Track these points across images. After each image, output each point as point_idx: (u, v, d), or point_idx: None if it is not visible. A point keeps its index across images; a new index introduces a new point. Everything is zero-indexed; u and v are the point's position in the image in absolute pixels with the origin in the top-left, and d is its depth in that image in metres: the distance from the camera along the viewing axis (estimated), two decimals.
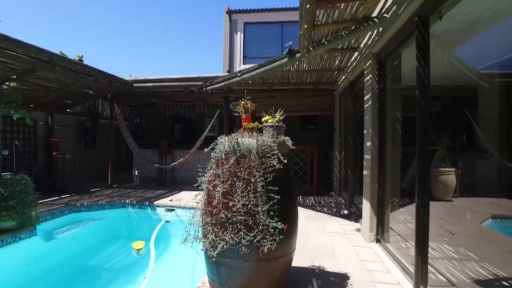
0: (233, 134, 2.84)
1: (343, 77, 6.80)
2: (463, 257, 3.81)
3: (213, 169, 2.67)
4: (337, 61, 5.84)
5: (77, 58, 11.21)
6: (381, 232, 4.29)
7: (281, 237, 2.43)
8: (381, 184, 4.24)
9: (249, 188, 2.43)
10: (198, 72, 8.30)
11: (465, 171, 6.98)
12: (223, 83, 7.16)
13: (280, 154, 2.57)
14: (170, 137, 12.38)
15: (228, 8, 14.23)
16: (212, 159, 2.74)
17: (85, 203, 6.69)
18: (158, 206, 6.91)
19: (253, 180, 2.43)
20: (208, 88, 7.85)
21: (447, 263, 3.62)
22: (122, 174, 10.97)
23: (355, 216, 5.72)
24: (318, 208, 6.57)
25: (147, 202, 7.02)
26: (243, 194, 2.41)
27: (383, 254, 3.93)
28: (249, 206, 2.39)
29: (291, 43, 5.03)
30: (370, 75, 4.41)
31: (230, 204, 2.42)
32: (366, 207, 4.48)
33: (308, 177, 8.04)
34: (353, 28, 4.01)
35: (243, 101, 3.24)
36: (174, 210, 6.79)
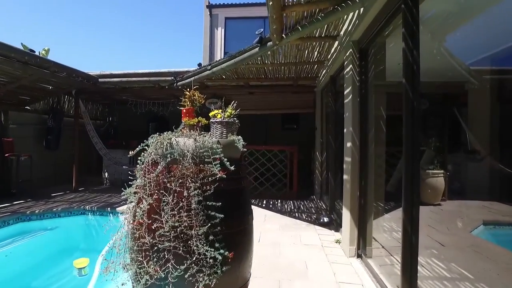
0: (168, 133, 2.22)
1: (324, 71, 6.25)
2: (456, 276, 3.27)
3: (140, 178, 2.03)
4: (316, 53, 5.27)
5: (43, 52, 10.39)
6: (362, 246, 3.73)
7: (225, 268, 1.82)
8: (363, 191, 3.68)
9: (181, 204, 1.81)
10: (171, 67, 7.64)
11: (453, 173, 6.52)
12: (193, 78, 6.52)
13: (226, 159, 1.95)
14: (145, 136, 11.65)
15: (209, 2, 13.60)
16: (138, 165, 2.11)
17: (37, 211, 5.96)
18: (121, 213, 6.22)
19: (186, 193, 1.81)
20: (179, 83, 7.19)
21: (438, 284, 3.07)
22: (92, 176, 10.20)
23: (335, 224, 5.17)
24: (297, 215, 5.99)
25: (109, 209, 6.33)
26: (173, 212, 1.80)
27: (364, 274, 3.36)
28: (180, 228, 1.78)
29: (262, 30, 4.45)
30: (351, 66, 3.84)
31: (155, 226, 1.80)
32: (346, 217, 3.91)
33: (288, 180, 7.47)
34: (330, 9, 3.44)
35: (189, 91, 2.62)
36: None
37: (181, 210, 1.80)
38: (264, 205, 6.81)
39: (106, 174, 9.68)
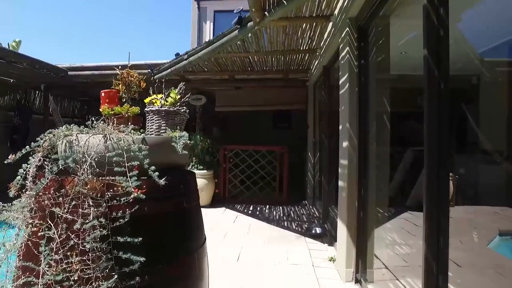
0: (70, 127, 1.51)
1: (316, 62, 5.55)
2: None
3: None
4: (306, 38, 4.57)
5: (13, 44, 9.53)
6: (362, 269, 3.04)
7: None
8: (363, 202, 2.99)
9: (72, 242, 1.09)
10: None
11: (462, 176, 5.86)
12: (169, 70, 5.80)
13: (153, 167, 1.24)
14: None
15: None
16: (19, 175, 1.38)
17: None
18: None
19: (79, 224, 1.10)
20: (155, 76, 6.46)
21: None
22: None
23: (329, 236, 4.48)
24: (286, 224, 5.30)
25: None
26: (58, 256, 1.08)
27: None
28: (67, 284, 1.06)
29: (241, 8, 3.74)
30: (347, 49, 3.15)
31: (23, 281, 1.08)
32: (342, 232, 3.22)
33: (277, 183, 6.77)
34: None
35: (127, 71, 1.91)
36: None
37: (73, 252, 1.09)
38: (250, 212, 6.10)
39: None
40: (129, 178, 1.14)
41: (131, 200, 1.13)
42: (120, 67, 2.32)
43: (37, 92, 8.71)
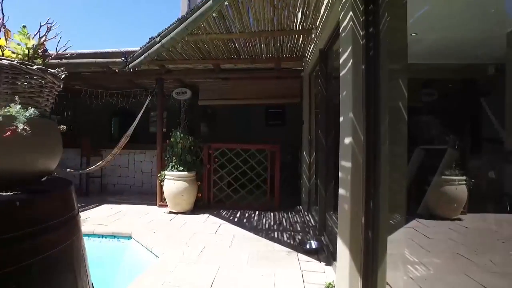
0: None
1: (312, 47, 4.79)
2: None
3: None
4: (300, 14, 3.81)
5: None
6: None
7: None
8: (371, 216, 2.23)
9: None
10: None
11: (478, 180, 5.12)
12: (142, 56, 5.01)
13: None
14: (108, 133, 10.13)
15: None
16: None
17: None
18: None
19: None
20: (130, 65, 5.68)
21: None
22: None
23: (326, 252, 3.73)
24: (276, 235, 4.54)
25: None
26: None
27: None
28: None
29: None
30: (351, 14, 2.38)
31: None
32: (343, 253, 2.47)
33: (268, 186, 6.00)
34: None
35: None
36: None
37: None
38: (236, 220, 5.34)
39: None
40: None
41: None
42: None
43: None
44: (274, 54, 5.38)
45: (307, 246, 3.90)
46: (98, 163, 6.38)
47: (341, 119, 2.64)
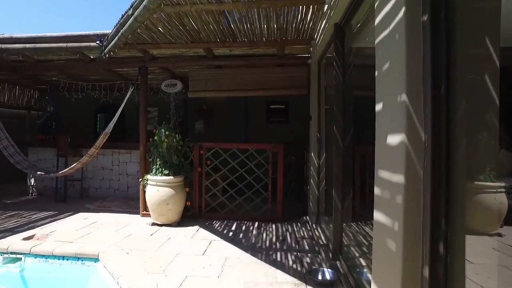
0: None
1: (323, 23, 3.88)
2: None
3: None
4: None
5: None
6: None
7: None
8: (443, 269, 1.33)
9: None
10: None
11: None
12: (117, 37, 4.12)
13: None
14: (92, 130, 9.26)
15: None
16: None
17: None
18: (11, 253, 3.81)
19: None
20: (106, 50, 4.79)
21: None
22: (12, 183, 7.77)
23: (345, 286, 2.84)
24: (278, 256, 3.65)
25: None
26: None
27: None
28: None
29: None
30: None
31: None
32: None
33: (270, 192, 5.11)
34: None
35: None
36: (20, 259, 3.74)
37: None
38: (231, 234, 4.45)
39: (32, 180, 7.26)
40: None
41: None
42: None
43: None
44: (277, 35, 4.47)
45: (319, 277, 3.02)
46: (72, 165, 5.52)
47: (378, 107, 1.74)
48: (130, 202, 6.33)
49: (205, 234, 4.43)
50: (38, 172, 5.75)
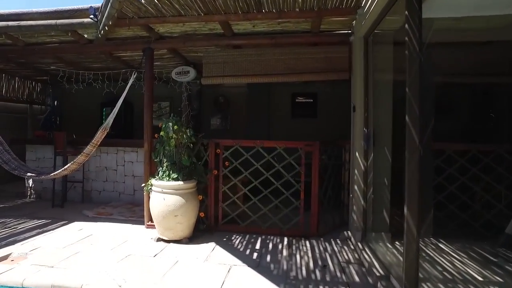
0: None
1: None
2: None
3: None
4: None
5: None
6: None
7: None
8: None
9: None
10: None
11: None
12: (109, 4, 3.22)
13: None
14: (97, 126, 8.45)
15: None
16: None
17: None
18: None
19: None
20: (101, 27, 3.90)
21: None
22: (8, 184, 7.05)
23: None
24: None
25: None
26: None
27: None
28: None
29: None
30: None
31: None
32: None
33: (302, 199, 4.13)
34: None
35: None
36: None
37: None
38: (255, 256, 3.51)
39: (31, 181, 6.50)
40: None
41: None
42: None
43: None
44: (314, 3, 3.48)
45: None
46: (66, 166, 4.67)
47: None
48: (135, 208, 5.47)
49: (223, 255, 3.49)
50: (28, 173, 4.94)
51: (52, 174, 4.71)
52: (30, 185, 6.52)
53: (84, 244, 3.76)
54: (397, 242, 3.66)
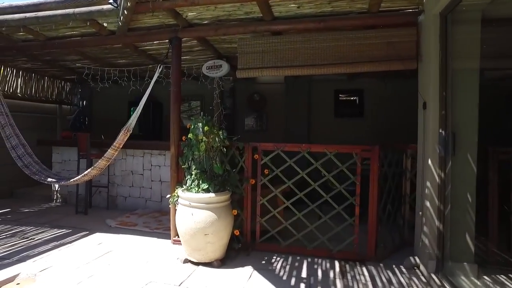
0: None
1: None
2: None
3: None
4: None
5: None
6: None
7: None
8: None
9: None
10: None
11: None
12: None
13: None
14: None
15: None
16: None
17: None
18: None
19: None
20: (121, 12, 3.37)
21: None
22: (34, 186, 6.77)
23: None
24: None
25: None
26: None
27: None
28: None
29: None
30: None
31: None
32: None
33: (357, 216, 3.38)
34: None
35: None
36: None
37: None
38: (303, 285, 2.82)
39: (57, 185, 6.17)
40: None
41: None
42: None
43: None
44: None
45: None
46: (86, 172, 4.22)
47: None
48: (162, 217, 4.95)
49: (262, 285, 2.83)
50: (49, 179, 4.54)
51: (72, 180, 4.27)
52: (56, 189, 6.20)
53: (100, 264, 3.24)
54: (485, 277, 2.85)
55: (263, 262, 3.36)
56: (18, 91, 6.75)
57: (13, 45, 4.74)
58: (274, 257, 3.49)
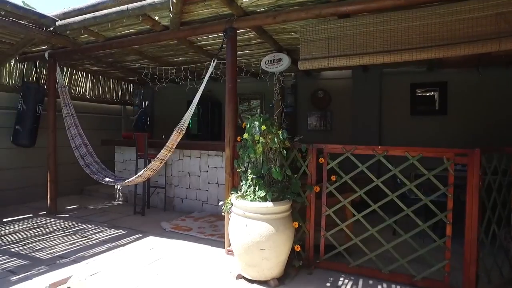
0: None
1: None
2: None
3: None
4: None
5: None
6: None
7: None
8: None
9: None
10: None
11: None
12: None
13: None
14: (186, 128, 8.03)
15: None
16: None
17: None
18: None
19: None
20: (171, 4, 3.10)
21: None
22: (97, 184, 6.95)
23: None
24: None
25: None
26: None
27: None
28: None
29: None
30: None
31: None
32: None
33: (449, 237, 2.70)
34: None
35: None
36: None
37: None
38: None
39: (119, 185, 6.27)
40: None
41: None
42: None
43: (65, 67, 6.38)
44: None
45: None
46: (140, 173, 4.08)
47: None
48: (218, 222, 4.67)
49: None
50: (106, 179, 4.52)
51: (126, 181, 4.17)
52: (119, 188, 6.30)
53: (149, 272, 3.01)
54: None
55: (328, 284, 2.85)
56: (87, 93, 7.05)
57: (78, 48, 4.81)
58: (341, 279, 2.95)
